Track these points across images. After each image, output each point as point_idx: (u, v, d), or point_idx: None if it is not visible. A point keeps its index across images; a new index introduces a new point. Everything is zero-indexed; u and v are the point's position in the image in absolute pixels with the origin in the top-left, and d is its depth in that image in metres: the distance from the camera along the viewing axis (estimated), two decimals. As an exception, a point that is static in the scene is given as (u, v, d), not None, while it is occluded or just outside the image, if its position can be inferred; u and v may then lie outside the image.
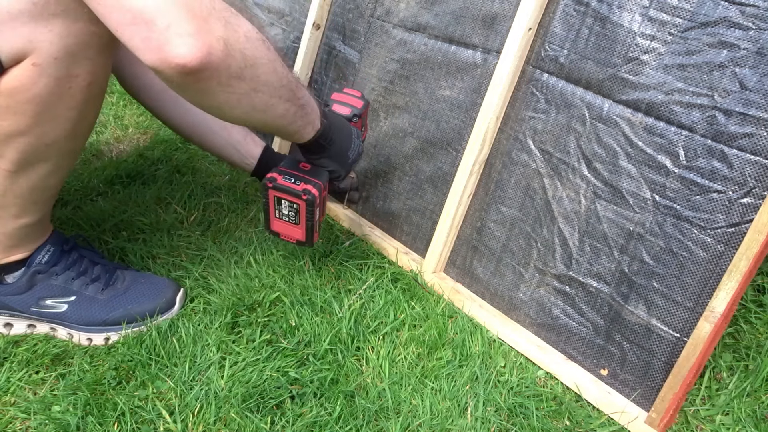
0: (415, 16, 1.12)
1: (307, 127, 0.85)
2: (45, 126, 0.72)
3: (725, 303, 0.74)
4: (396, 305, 1.00)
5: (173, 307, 0.94)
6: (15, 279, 0.86)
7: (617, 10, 0.85)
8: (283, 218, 0.95)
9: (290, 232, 0.97)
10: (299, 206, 0.92)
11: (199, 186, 1.31)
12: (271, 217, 0.96)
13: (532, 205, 0.96)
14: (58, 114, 0.72)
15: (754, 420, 0.84)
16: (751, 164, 0.74)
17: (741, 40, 0.74)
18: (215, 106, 0.70)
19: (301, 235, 0.97)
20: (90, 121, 0.79)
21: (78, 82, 0.70)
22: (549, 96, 0.93)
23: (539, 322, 0.96)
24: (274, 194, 0.92)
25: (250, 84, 0.69)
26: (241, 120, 0.75)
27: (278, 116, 0.78)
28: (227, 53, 0.63)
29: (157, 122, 1.63)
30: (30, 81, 0.67)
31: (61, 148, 0.76)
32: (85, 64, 0.70)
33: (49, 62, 0.67)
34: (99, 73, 0.73)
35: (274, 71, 0.73)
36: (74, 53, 0.68)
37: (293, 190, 0.91)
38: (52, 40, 0.66)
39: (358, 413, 0.80)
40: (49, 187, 0.81)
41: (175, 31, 0.58)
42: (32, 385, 0.81)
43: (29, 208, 0.81)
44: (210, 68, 0.62)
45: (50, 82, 0.68)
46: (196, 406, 0.78)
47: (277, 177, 0.91)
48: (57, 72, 0.68)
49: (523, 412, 0.83)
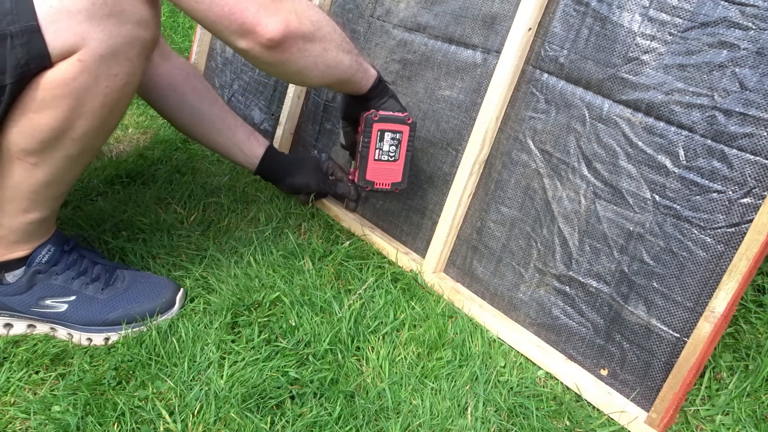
0: (415, 16, 1.12)
1: (369, 72, 0.95)
2: (76, 121, 0.74)
3: (725, 303, 0.74)
4: (396, 305, 1.00)
5: (173, 307, 0.94)
6: (15, 278, 0.86)
7: (617, 10, 0.85)
8: (382, 158, 0.97)
9: (386, 177, 0.99)
10: (402, 135, 0.97)
11: (199, 186, 1.31)
12: (370, 160, 0.97)
13: (532, 205, 0.96)
14: (91, 110, 0.74)
15: (754, 420, 0.84)
16: (751, 164, 0.74)
17: (741, 40, 0.74)
18: (297, 72, 0.83)
19: (398, 175, 0.99)
20: (116, 121, 0.82)
21: (116, 81, 0.74)
22: (549, 96, 0.93)
23: (539, 322, 0.96)
24: (379, 127, 0.95)
25: (320, 44, 0.83)
26: (320, 80, 0.88)
27: (347, 68, 0.89)
28: (300, 21, 0.78)
29: (157, 122, 1.63)
30: (72, 76, 0.70)
31: (85, 144, 0.78)
32: (125, 64, 0.73)
33: (94, 60, 0.70)
34: (135, 74, 0.76)
35: (333, 29, 0.86)
36: (118, 53, 0.72)
37: (398, 117, 0.96)
38: (102, 38, 0.69)
39: (358, 413, 0.80)
40: (65, 182, 0.82)
41: (264, 14, 0.74)
42: (32, 385, 0.81)
43: (41, 204, 0.81)
44: (290, 37, 0.77)
45: (90, 78, 0.71)
46: (196, 406, 0.78)
47: (377, 111, 0.95)
48: (98, 70, 0.71)
49: (523, 412, 0.83)
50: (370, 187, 1.00)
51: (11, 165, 0.76)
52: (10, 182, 0.78)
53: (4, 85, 0.68)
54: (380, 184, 0.99)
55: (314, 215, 1.25)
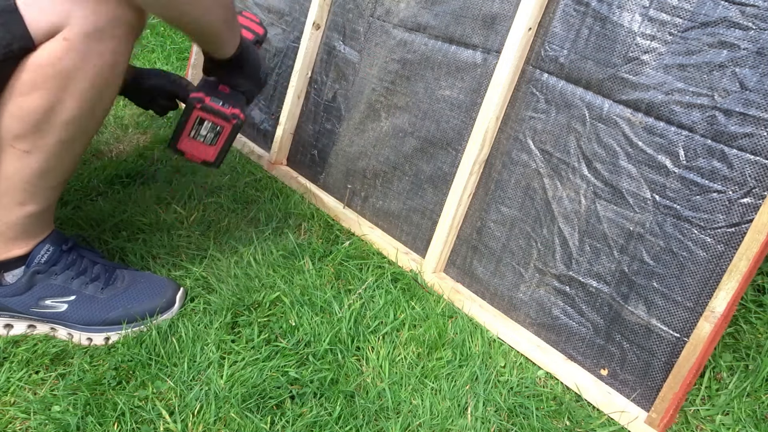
0: (415, 16, 1.12)
1: (234, 40, 0.90)
2: (65, 102, 0.74)
3: (725, 303, 0.74)
4: (396, 305, 1.00)
5: (173, 307, 0.94)
6: (15, 278, 0.86)
7: (617, 10, 0.85)
8: (198, 138, 0.95)
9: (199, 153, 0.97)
10: (223, 129, 0.94)
11: (199, 186, 1.31)
12: (183, 136, 0.95)
13: (532, 205, 0.96)
14: (80, 91, 0.74)
15: (754, 420, 0.84)
16: (751, 164, 0.74)
17: (741, 40, 0.74)
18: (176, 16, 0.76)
19: (211, 156, 0.98)
20: (107, 105, 0.81)
21: (103, 60, 0.74)
22: (549, 96, 0.93)
23: (539, 322, 0.96)
24: (198, 114, 0.92)
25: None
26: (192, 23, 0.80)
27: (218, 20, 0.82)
28: None
29: (158, 122, 1.63)
30: (58, 56, 0.70)
31: (77, 128, 0.78)
32: (112, 42, 0.74)
33: (79, 38, 0.70)
34: (122, 53, 0.76)
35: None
36: (104, 30, 0.72)
37: (222, 112, 0.92)
38: (86, 15, 0.70)
39: (358, 413, 0.80)
40: (59, 171, 0.82)
41: None
42: (32, 385, 0.81)
43: (37, 195, 0.81)
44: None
45: (77, 57, 0.71)
46: (196, 406, 0.78)
47: (205, 98, 0.91)
48: (86, 48, 0.71)
49: (523, 412, 0.83)
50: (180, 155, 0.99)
51: (4, 154, 0.76)
52: (4, 173, 0.77)
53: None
54: (191, 156, 0.97)
55: (314, 215, 1.26)
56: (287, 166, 1.43)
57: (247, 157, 1.47)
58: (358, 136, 1.25)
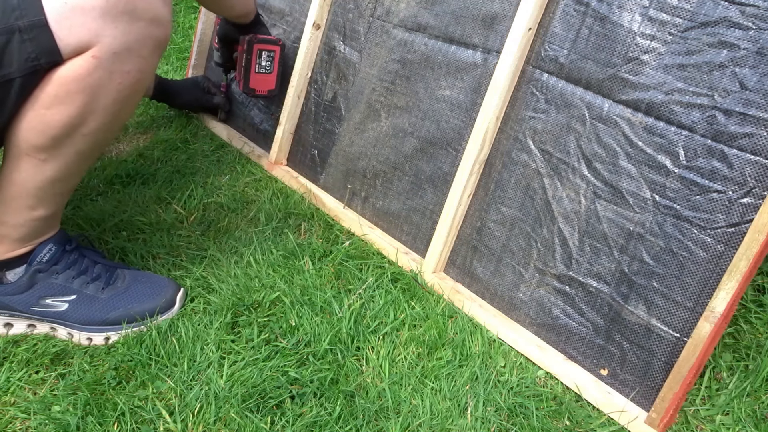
0: (415, 16, 1.12)
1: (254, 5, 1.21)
2: (88, 117, 0.75)
3: (725, 303, 0.74)
4: (396, 305, 1.00)
5: (173, 307, 0.94)
6: (16, 276, 0.86)
7: (617, 10, 0.85)
8: (261, 71, 1.29)
9: (264, 85, 1.31)
10: (275, 53, 1.28)
11: (199, 186, 1.31)
12: (252, 74, 1.28)
13: (532, 205, 0.96)
14: (103, 106, 0.75)
15: (754, 420, 0.84)
16: (751, 164, 0.74)
17: (741, 40, 0.74)
18: None
19: (272, 83, 1.32)
20: (126, 118, 0.83)
21: (128, 78, 0.75)
22: (549, 96, 0.93)
23: (539, 322, 0.96)
24: (258, 47, 1.25)
25: None
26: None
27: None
28: None
29: (157, 122, 1.63)
30: (86, 72, 0.71)
31: (96, 140, 0.79)
32: (138, 61, 0.75)
33: (108, 56, 0.71)
34: (147, 71, 0.77)
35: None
36: (131, 50, 0.73)
37: (271, 39, 1.27)
38: (116, 35, 0.70)
39: (358, 413, 0.80)
40: (73, 179, 0.83)
41: None
42: (32, 385, 0.81)
43: (47, 200, 0.82)
44: None
45: (104, 74, 0.72)
46: (196, 406, 0.78)
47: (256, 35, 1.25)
48: (112, 66, 0.72)
49: (523, 412, 0.83)
50: (252, 93, 1.32)
51: (20, 161, 0.76)
52: (18, 179, 0.78)
53: (13, 79, 0.69)
54: (260, 91, 1.31)
55: (314, 215, 1.26)
56: (287, 166, 1.43)
57: (247, 157, 1.47)
58: (358, 136, 1.25)
